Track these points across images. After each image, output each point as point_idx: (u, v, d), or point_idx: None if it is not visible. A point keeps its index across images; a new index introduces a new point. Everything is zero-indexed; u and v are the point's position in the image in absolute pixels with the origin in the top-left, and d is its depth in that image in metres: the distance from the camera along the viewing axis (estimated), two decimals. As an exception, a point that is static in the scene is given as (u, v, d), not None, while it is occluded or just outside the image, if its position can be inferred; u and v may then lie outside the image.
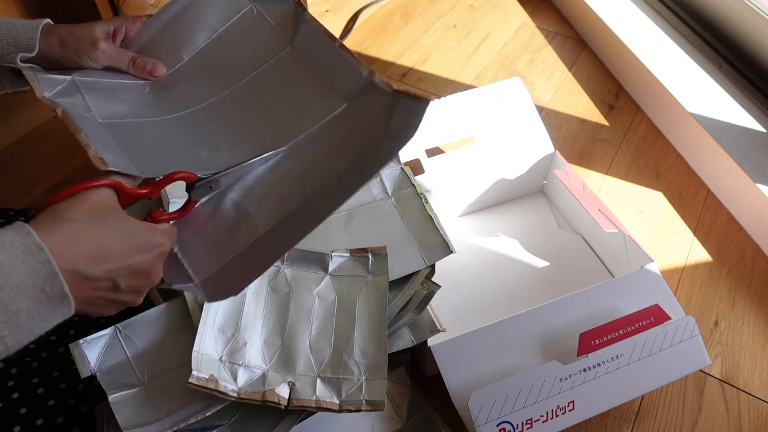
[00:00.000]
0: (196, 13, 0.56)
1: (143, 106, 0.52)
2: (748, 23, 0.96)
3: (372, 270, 0.58)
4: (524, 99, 0.79)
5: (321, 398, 0.52)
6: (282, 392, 0.52)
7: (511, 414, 0.55)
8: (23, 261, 0.32)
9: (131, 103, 0.52)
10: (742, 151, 0.85)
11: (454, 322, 0.65)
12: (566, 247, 0.79)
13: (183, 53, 0.56)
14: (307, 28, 0.54)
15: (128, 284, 0.38)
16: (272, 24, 0.55)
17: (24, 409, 0.55)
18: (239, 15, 0.56)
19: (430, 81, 1.11)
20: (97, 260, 0.36)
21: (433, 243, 0.60)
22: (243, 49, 0.55)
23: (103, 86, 0.52)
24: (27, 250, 0.32)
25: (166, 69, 0.55)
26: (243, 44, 0.55)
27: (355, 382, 0.53)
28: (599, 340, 0.58)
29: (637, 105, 1.06)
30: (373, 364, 0.54)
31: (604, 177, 0.93)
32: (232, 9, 0.56)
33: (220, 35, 0.56)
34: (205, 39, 0.56)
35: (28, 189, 0.90)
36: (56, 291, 0.33)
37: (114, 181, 0.41)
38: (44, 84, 0.48)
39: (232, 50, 0.55)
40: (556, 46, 1.19)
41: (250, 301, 0.56)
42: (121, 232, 0.38)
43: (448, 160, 0.75)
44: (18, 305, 0.32)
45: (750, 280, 0.79)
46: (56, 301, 0.34)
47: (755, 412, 0.67)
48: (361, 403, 0.52)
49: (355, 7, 1.29)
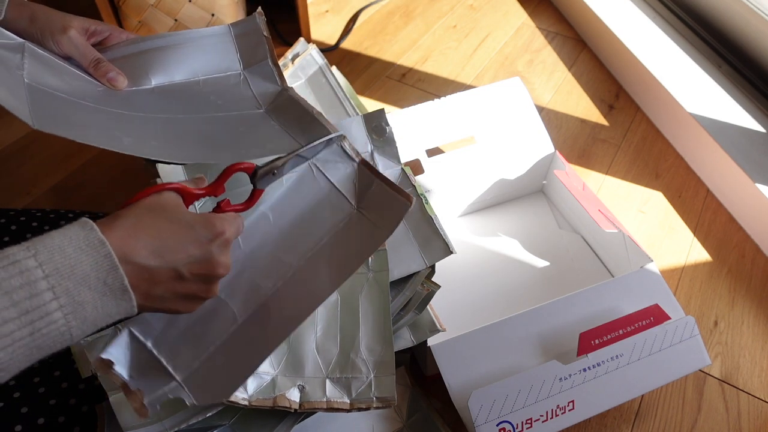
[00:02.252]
0: (187, 53, 0.56)
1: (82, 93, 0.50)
2: (748, 23, 0.96)
3: (373, 267, 0.58)
4: (524, 99, 0.79)
5: (331, 399, 0.52)
6: (292, 396, 0.52)
7: (511, 414, 0.55)
8: (87, 254, 0.33)
9: (71, 86, 0.49)
10: (742, 151, 0.85)
11: (454, 322, 0.66)
12: (566, 247, 0.79)
13: (153, 79, 0.54)
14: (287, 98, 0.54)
15: (192, 272, 0.39)
16: (253, 93, 0.55)
17: (25, 408, 0.55)
18: (225, 74, 0.56)
19: (430, 81, 1.11)
20: (155, 252, 0.37)
21: (433, 243, 0.60)
22: (215, 98, 0.54)
23: (51, 63, 0.50)
24: (90, 244, 0.34)
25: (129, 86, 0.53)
26: (217, 95, 0.54)
27: (364, 380, 0.53)
28: (599, 339, 0.59)
29: (637, 105, 1.06)
30: (381, 361, 0.54)
31: (604, 177, 0.93)
32: (222, 66, 0.56)
33: (198, 81, 0.55)
34: (182, 77, 0.55)
35: (28, 189, 0.90)
36: (117, 284, 0.34)
37: (179, 185, 0.42)
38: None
39: (203, 96, 0.54)
40: (556, 46, 1.19)
41: None
42: (178, 223, 0.39)
43: (448, 160, 0.75)
44: (83, 296, 0.33)
45: (749, 280, 0.79)
46: (118, 295, 0.35)
47: (755, 411, 0.67)
48: (371, 401, 0.52)
49: (355, 7, 1.29)
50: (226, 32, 0.58)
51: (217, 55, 0.57)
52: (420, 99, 1.05)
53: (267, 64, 0.57)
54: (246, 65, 0.57)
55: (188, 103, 0.53)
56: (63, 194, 0.90)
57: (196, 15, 1.01)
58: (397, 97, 1.07)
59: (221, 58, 0.57)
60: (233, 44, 0.57)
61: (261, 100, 0.55)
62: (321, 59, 0.75)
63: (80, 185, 0.91)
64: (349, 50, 1.18)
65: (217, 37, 0.57)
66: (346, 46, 1.19)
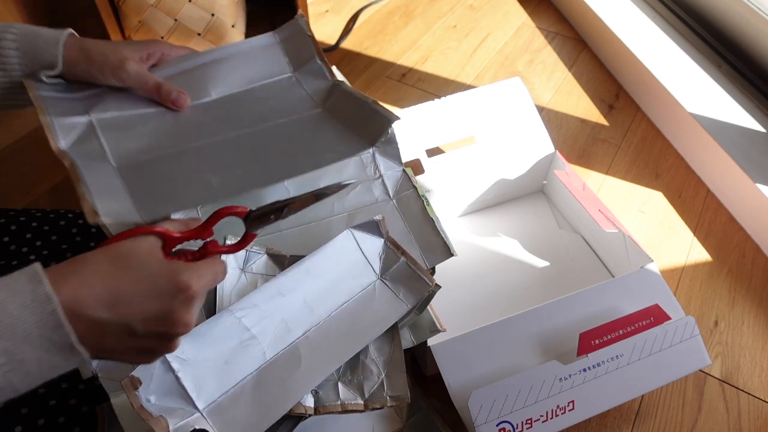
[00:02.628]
0: (238, 63, 0.58)
1: (159, 138, 0.52)
2: (748, 23, 0.96)
3: None
4: (524, 99, 0.79)
5: (345, 401, 0.52)
6: (307, 402, 0.52)
7: (510, 414, 0.55)
8: (32, 311, 0.32)
9: (148, 136, 0.52)
10: (742, 151, 0.85)
11: (454, 322, 0.65)
12: (566, 247, 0.79)
13: (212, 91, 0.57)
14: (341, 92, 0.56)
15: (147, 330, 0.36)
16: (307, 92, 0.57)
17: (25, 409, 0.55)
18: (278, 78, 0.59)
19: (430, 81, 1.11)
20: (107, 304, 0.34)
21: (434, 245, 0.60)
22: (273, 102, 0.57)
23: (121, 121, 0.53)
24: (36, 299, 0.32)
25: (195, 102, 0.55)
26: (274, 99, 0.57)
27: (375, 380, 0.53)
28: (599, 340, 0.59)
29: (637, 105, 1.06)
30: (391, 360, 0.54)
31: (604, 177, 0.93)
32: (273, 70, 0.59)
33: (255, 87, 0.58)
34: (239, 87, 0.58)
35: (28, 189, 0.90)
36: (63, 341, 0.33)
37: (161, 230, 0.39)
38: (61, 131, 0.49)
39: (262, 101, 0.57)
40: (556, 46, 1.19)
41: None
42: (139, 274, 0.36)
43: (448, 160, 0.75)
44: (25, 354, 0.32)
45: (750, 280, 0.79)
46: (65, 351, 0.33)
47: (755, 411, 0.67)
48: (385, 400, 0.52)
49: (355, 7, 1.29)
50: (271, 39, 0.60)
51: (268, 61, 0.59)
52: (420, 99, 1.05)
53: (315, 62, 0.59)
54: (296, 67, 0.59)
55: (251, 111, 0.55)
56: (63, 194, 0.90)
57: (196, 15, 1.01)
58: (397, 97, 1.07)
59: (272, 63, 0.59)
60: (280, 49, 0.60)
61: (316, 99, 0.57)
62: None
63: (80, 185, 0.91)
64: (349, 50, 1.18)
65: (264, 46, 0.60)
66: (346, 46, 1.19)
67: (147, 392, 0.45)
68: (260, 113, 0.55)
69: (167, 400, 0.45)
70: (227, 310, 0.50)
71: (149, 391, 0.45)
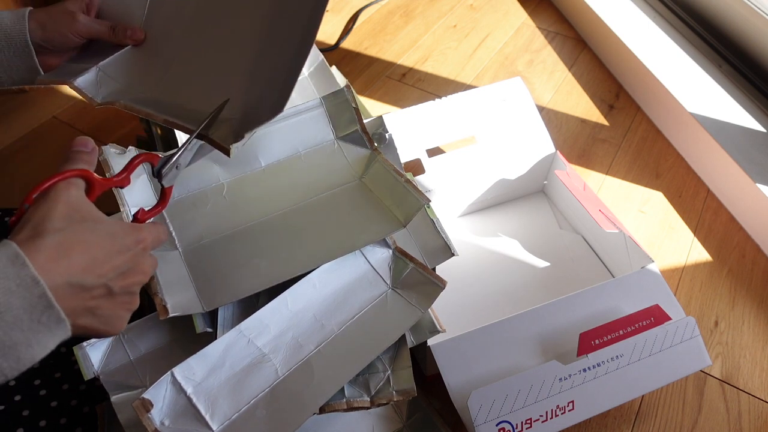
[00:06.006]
0: (286, 131, 0.61)
1: (217, 218, 0.57)
2: (748, 23, 0.96)
3: None
4: (525, 99, 0.79)
5: (351, 399, 0.52)
6: None
7: (510, 414, 0.55)
8: (19, 296, 0.31)
9: (207, 217, 0.57)
10: (742, 151, 0.85)
11: (454, 322, 0.66)
12: (567, 248, 0.79)
13: (261, 160, 0.61)
14: (378, 167, 0.59)
15: (121, 286, 0.38)
16: (348, 161, 0.61)
17: (27, 411, 0.55)
18: (322, 144, 0.62)
19: (430, 81, 1.11)
20: (89, 268, 0.35)
21: (434, 246, 0.60)
22: (317, 172, 0.60)
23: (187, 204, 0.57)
24: (23, 284, 0.31)
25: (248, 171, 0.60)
26: (318, 168, 0.61)
27: (381, 376, 0.54)
28: (599, 340, 0.59)
29: (637, 105, 1.06)
30: (396, 355, 0.54)
31: (604, 177, 0.93)
32: (318, 137, 0.62)
33: (300, 155, 0.61)
34: (286, 154, 0.61)
35: (28, 189, 0.90)
36: (53, 319, 0.33)
37: (82, 170, 0.40)
38: None
39: (306, 170, 0.61)
40: (556, 46, 1.19)
41: None
42: (104, 235, 0.37)
43: (449, 160, 0.75)
44: (15, 339, 0.32)
45: (750, 280, 0.79)
46: (53, 327, 0.33)
47: (755, 412, 0.67)
48: (392, 395, 0.52)
49: (355, 7, 1.29)
50: (319, 106, 0.63)
51: (313, 128, 0.62)
52: (420, 99, 1.05)
53: (357, 132, 0.62)
54: (338, 134, 0.63)
55: (297, 182, 0.60)
56: (63, 195, 0.90)
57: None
58: (397, 97, 1.07)
59: (317, 130, 0.62)
60: (326, 116, 0.63)
61: (356, 168, 0.61)
62: (320, 56, 0.75)
63: (80, 186, 0.91)
64: (349, 50, 1.18)
65: (312, 112, 0.62)
66: (346, 45, 1.19)
67: (160, 415, 0.45)
68: (306, 184, 0.60)
69: (181, 422, 0.46)
70: (236, 329, 0.50)
71: (162, 414, 0.46)
